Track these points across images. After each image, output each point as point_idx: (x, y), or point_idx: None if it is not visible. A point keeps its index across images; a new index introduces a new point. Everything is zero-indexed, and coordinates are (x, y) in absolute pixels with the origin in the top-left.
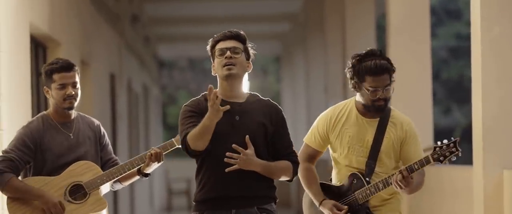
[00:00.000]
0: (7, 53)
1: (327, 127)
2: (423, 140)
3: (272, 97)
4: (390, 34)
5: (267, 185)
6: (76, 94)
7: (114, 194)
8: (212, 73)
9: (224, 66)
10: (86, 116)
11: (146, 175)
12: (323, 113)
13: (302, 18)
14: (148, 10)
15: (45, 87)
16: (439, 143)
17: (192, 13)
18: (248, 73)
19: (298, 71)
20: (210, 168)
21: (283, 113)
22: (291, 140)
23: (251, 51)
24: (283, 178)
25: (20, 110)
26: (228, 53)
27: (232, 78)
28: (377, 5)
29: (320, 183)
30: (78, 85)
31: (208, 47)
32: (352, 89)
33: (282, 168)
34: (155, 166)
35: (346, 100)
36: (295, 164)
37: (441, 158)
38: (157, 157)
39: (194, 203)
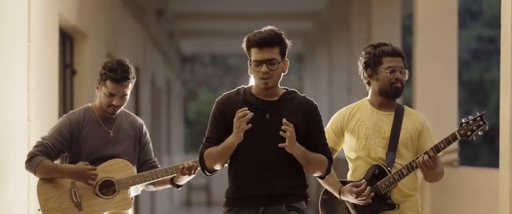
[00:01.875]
0: (37, 44)
1: (342, 123)
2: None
3: None
4: (416, 35)
5: (296, 183)
6: (123, 104)
7: None
8: (249, 73)
9: (260, 79)
10: (131, 113)
11: (178, 186)
12: (335, 114)
13: (326, 17)
14: (173, 5)
15: (97, 82)
16: (463, 119)
17: (216, 9)
18: None
19: (320, 71)
20: (239, 166)
21: (318, 109)
22: (326, 138)
23: (288, 44)
24: (317, 173)
25: (47, 101)
26: (264, 67)
27: (269, 89)
28: (403, 6)
29: (340, 180)
30: (127, 96)
31: (245, 46)
32: (366, 80)
33: (319, 160)
34: (187, 178)
35: (358, 101)
36: (330, 160)
37: (468, 133)
38: (189, 170)
39: (225, 199)
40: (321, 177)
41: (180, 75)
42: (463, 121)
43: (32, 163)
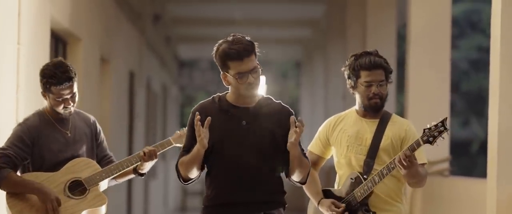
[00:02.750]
0: (27, 46)
1: (327, 131)
2: (439, 151)
3: (291, 102)
4: (410, 44)
5: (275, 190)
6: (74, 102)
7: (128, 192)
8: (224, 84)
9: (245, 89)
10: (81, 111)
11: (142, 174)
12: (324, 122)
13: (323, 24)
14: (171, 10)
15: (42, 91)
16: (427, 125)
17: (214, 15)
18: (268, 77)
19: (317, 77)
20: (218, 173)
21: (294, 115)
22: (302, 146)
23: (258, 52)
24: (300, 177)
25: (37, 103)
26: (250, 78)
27: (255, 96)
28: (399, 15)
29: (323, 189)
30: (76, 94)
31: (217, 57)
32: (350, 90)
33: (307, 164)
34: (149, 164)
35: (347, 110)
36: (309, 164)
37: (430, 139)
38: (150, 156)
39: (202, 206)
40: (302, 183)
41: (177, 80)
42: (427, 126)
43: None
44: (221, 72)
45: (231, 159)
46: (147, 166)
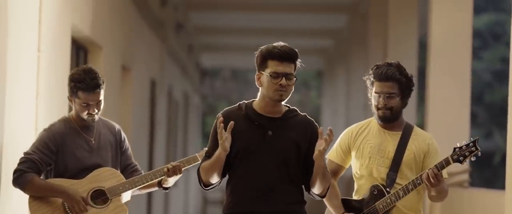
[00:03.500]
0: (48, 53)
1: (349, 140)
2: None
3: (313, 112)
4: (430, 55)
5: (295, 200)
6: (99, 110)
7: (148, 200)
8: (256, 84)
9: (276, 91)
10: (107, 120)
11: (166, 188)
12: (345, 130)
13: (345, 34)
14: (193, 18)
15: (68, 96)
16: (458, 144)
17: (237, 24)
18: None
19: (339, 88)
20: (239, 182)
21: (319, 129)
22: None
23: (299, 64)
24: (321, 190)
25: (57, 111)
26: (284, 80)
27: (280, 102)
28: (421, 24)
29: (342, 199)
30: (102, 102)
31: (259, 55)
32: (370, 98)
33: (330, 178)
34: (174, 179)
35: (368, 119)
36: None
37: (460, 158)
38: (174, 171)
39: None
40: (322, 196)
41: (199, 89)
42: (457, 145)
43: (21, 180)
44: (256, 73)
45: (254, 168)
46: (171, 181)
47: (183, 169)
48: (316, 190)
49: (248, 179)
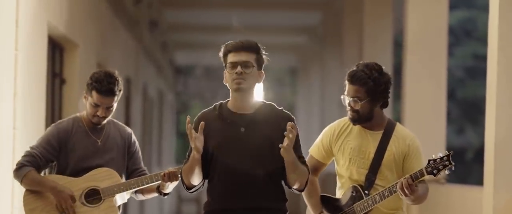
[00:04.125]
0: (24, 52)
1: (330, 138)
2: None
3: (287, 109)
4: (406, 52)
5: (276, 197)
6: (108, 116)
7: None
8: (224, 82)
9: (233, 80)
10: (119, 123)
11: (165, 194)
12: (328, 126)
13: (320, 31)
14: (167, 16)
15: (85, 92)
16: (433, 156)
17: (210, 22)
18: (264, 83)
19: (314, 85)
20: (216, 180)
21: (295, 122)
22: (302, 153)
23: (265, 58)
24: (298, 184)
25: (34, 109)
26: (239, 68)
27: (242, 92)
28: (395, 22)
29: (321, 195)
30: (113, 108)
31: (221, 55)
32: None
33: (304, 170)
34: (171, 185)
35: None
36: (308, 172)
37: (434, 171)
38: (169, 177)
39: (202, 212)
40: (300, 190)
41: (173, 86)
42: (433, 156)
43: (19, 173)
44: (224, 72)
45: (229, 165)
46: (167, 187)
47: (178, 175)
48: (292, 184)
49: (225, 176)
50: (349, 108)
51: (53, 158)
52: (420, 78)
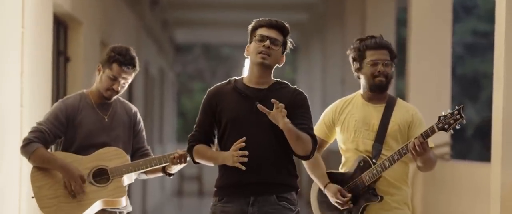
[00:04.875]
0: (30, 30)
1: (333, 115)
2: (439, 135)
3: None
4: (411, 29)
5: (287, 172)
6: (120, 91)
7: None
8: (245, 54)
9: (259, 53)
10: (125, 101)
11: (170, 174)
12: (329, 106)
13: (321, 8)
14: None
15: (100, 64)
16: (443, 112)
17: None
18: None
19: (315, 62)
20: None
21: (307, 99)
22: (312, 123)
23: (289, 45)
24: (303, 151)
25: (41, 87)
26: (268, 42)
27: (263, 67)
28: None
29: (327, 172)
30: (127, 85)
31: (249, 28)
32: (356, 74)
33: (306, 137)
34: (179, 166)
35: (352, 94)
36: (315, 141)
37: (445, 127)
38: (180, 159)
39: (214, 188)
40: (306, 158)
41: (173, 65)
42: (442, 113)
43: (27, 149)
44: (247, 46)
45: (244, 137)
46: (175, 168)
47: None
48: (296, 151)
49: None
50: (381, 72)
51: (61, 133)
52: (424, 55)
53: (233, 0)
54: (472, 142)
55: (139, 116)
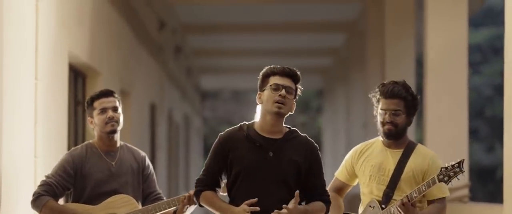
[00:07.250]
0: (45, 81)
1: (352, 159)
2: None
3: (313, 131)
4: (427, 71)
5: None
6: (118, 118)
7: None
8: (257, 102)
9: (275, 102)
10: (133, 147)
11: None
12: (352, 149)
13: (344, 53)
14: (191, 41)
15: (88, 117)
16: (446, 164)
17: (235, 45)
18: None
19: (339, 106)
20: (240, 203)
21: (318, 150)
22: (324, 179)
23: (299, 92)
24: None
25: (56, 137)
26: (283, 92)
27: (279, 116)
28: (418, 42)
29: (344, 213)
30: (120, 111)
31: (261, 75)
32: (375, 119)
33: (318, 210)
34: (190, 209)
35: (374, 138)
36: (328, 203)
37: (445, 179)
38: (189, 201)
39: None
40: None
41: (200, 111)
42: (445, 164)
43: (38, 203)
44: (258, 93)
45: (255, 189)
46: (187, 211)
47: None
48: None
49: (247, 200)
50: (388, 121)
51: (70, 185)
52: (441, 97)
53: (258, 47)
54: (502, 183)
55: (148, 161)
